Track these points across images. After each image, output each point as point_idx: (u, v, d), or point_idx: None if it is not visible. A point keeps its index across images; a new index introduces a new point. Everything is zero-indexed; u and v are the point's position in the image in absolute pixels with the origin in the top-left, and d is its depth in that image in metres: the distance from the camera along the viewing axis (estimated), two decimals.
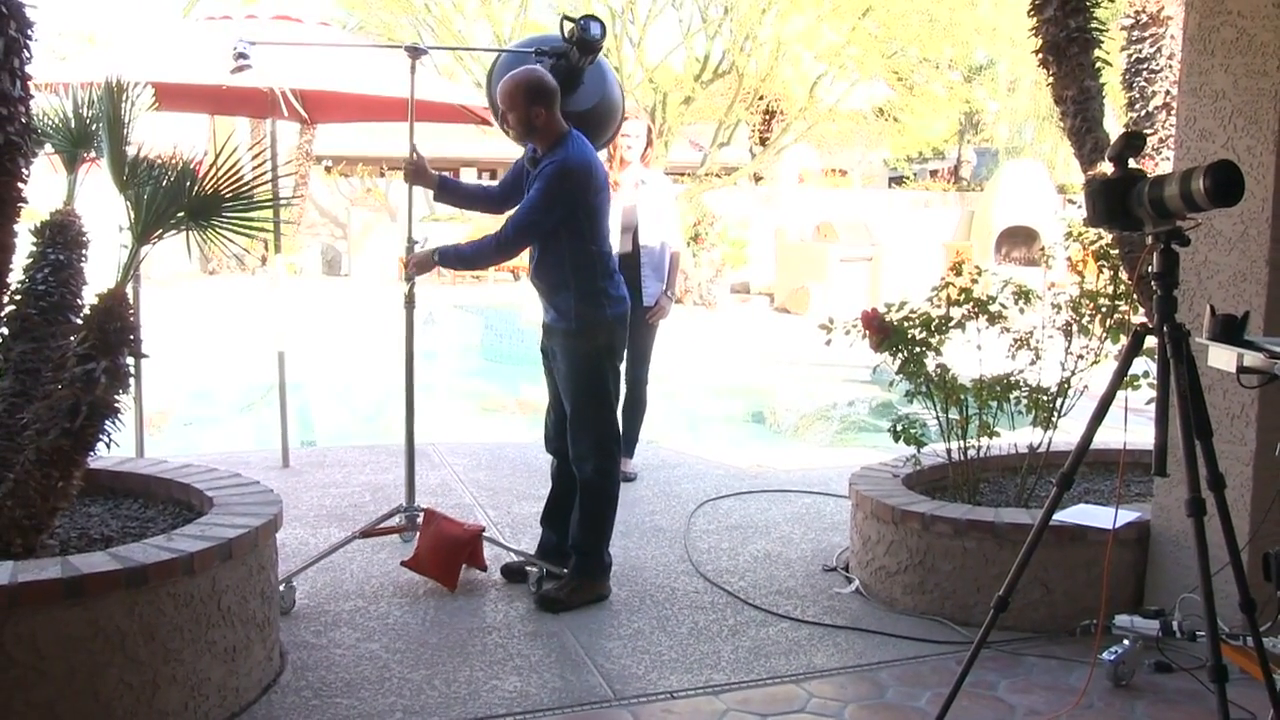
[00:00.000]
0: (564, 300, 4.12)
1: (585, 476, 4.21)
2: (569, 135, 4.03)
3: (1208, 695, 2.99)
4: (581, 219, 4.03)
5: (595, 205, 4.07)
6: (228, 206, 3.49)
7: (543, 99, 3.97)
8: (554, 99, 4.00)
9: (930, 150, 30.13)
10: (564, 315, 4.14)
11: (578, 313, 4.10)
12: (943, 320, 4.44)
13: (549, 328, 4.25)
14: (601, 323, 4.13)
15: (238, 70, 4.44)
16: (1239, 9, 3.65)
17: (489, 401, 11.62)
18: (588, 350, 4.14)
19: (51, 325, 3.54)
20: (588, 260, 4.08)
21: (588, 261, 4.08)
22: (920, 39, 19.31)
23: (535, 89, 3.96)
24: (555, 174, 3.96)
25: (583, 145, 4.04)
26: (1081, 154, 4.30)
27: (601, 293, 4.11)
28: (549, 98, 3.98)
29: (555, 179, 3.96)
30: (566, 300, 4.11)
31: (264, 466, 6.14)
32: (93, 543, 3.42)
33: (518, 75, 4.00)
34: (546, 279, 4.16)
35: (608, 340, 4.18)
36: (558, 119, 4.03)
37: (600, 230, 4.12)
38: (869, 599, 4.29)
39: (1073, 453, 2.91)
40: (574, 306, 4.10)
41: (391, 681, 3.47)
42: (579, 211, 4.01)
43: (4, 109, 2.91)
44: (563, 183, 3.96)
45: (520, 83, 3.97)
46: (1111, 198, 2.80)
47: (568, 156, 3.98)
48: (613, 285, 4.17)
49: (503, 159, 26.63)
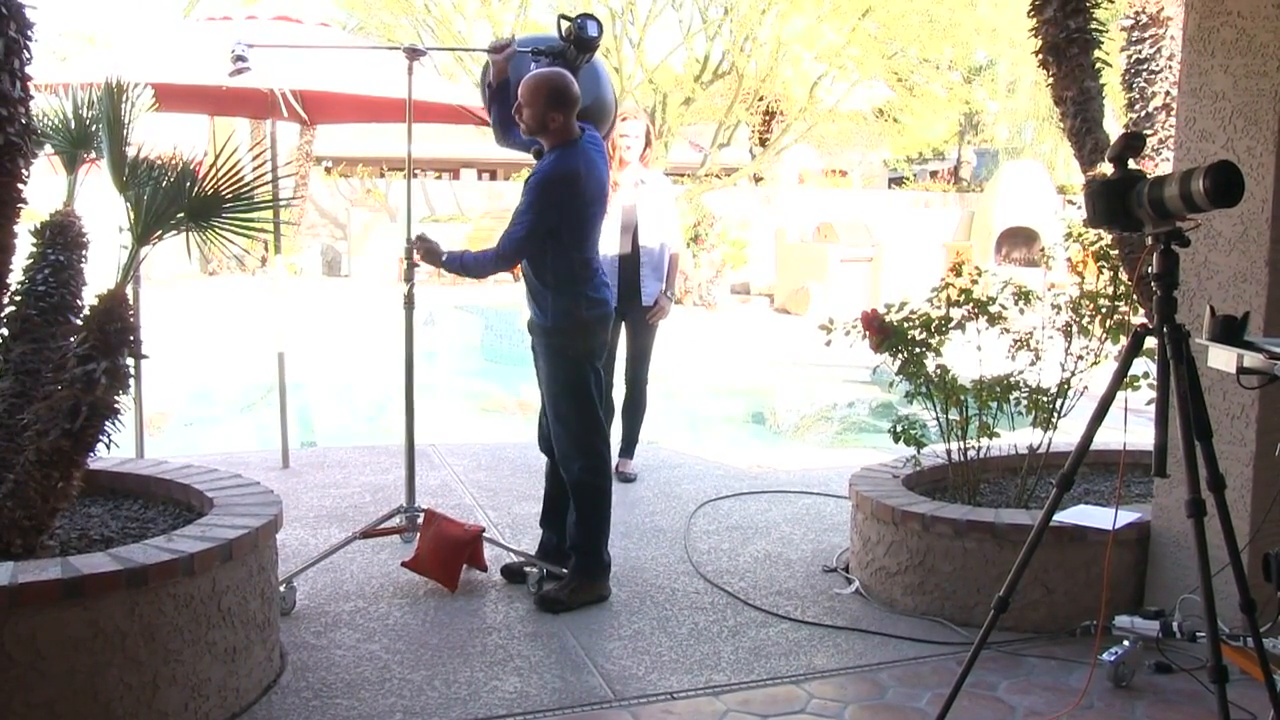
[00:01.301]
0: (543, 299, 4.15)
1: (574, 477, 4.23)
2: (570, 144, 4.02)
3: (1208, 696, 2.99)
4: (563, 226, 4.03)
5: (583, 215, 4.07)
6: (228, 207, 3.49)
7: (563, 105, 3.96)
8: (573, 107, 3.99)
9: (930, 151, 30.18)
10: (543, 313, 4.17)
11: (554, 312, 4.13)
12: (943, 321, 4.44)
13: (531, 325, 4.28)
14: (579, 323, 4.14)
15: (236, 73, 4.45)
16: (1239, 9, 3.65)
17: (489, 402, 11.62)
18: (565, 349, 4.16)
19: (51, 326, 3.54)
20: (568, 264, 4.10)
21: (568, 265, 4.10)
22: (920, 39, 19.32)
23: (558, 94, 3.96)
24: (537, 185, 4.01)
25: (574, 155, 4.01)
26: (1081, 155, 4.30)
27: (580, 294, 4.12)
28: (569, 105, 3.98)
29: (537, 189, 4.00)
30: (545, 299, 4.14)
31: (264, 467, 6.14)
32: (93, 543, 3.42)
33: (545, 74, 3.99)
34: (528, 278, 4.19)
35: (585, 341, 4.19)
36: (572, 126, 4.03)
37: (585, 238, 4.13)
38: (869, 600, 4.29)
39: (1073, 453, 2.91)
40: (551, 305, 4.13)
41: (392, 682, 3.47)
42: (565, 220, 4.02)
43: (4, 110, 2.91)
44: (545, 192, 3.99)
45: (544, 83, 3.97)
46: (1111, 198, 2.80)
47: (552, 166, 3.99)
48: (592, 288, 4.17)
49: (501, 160, 26.61)
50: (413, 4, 19.09)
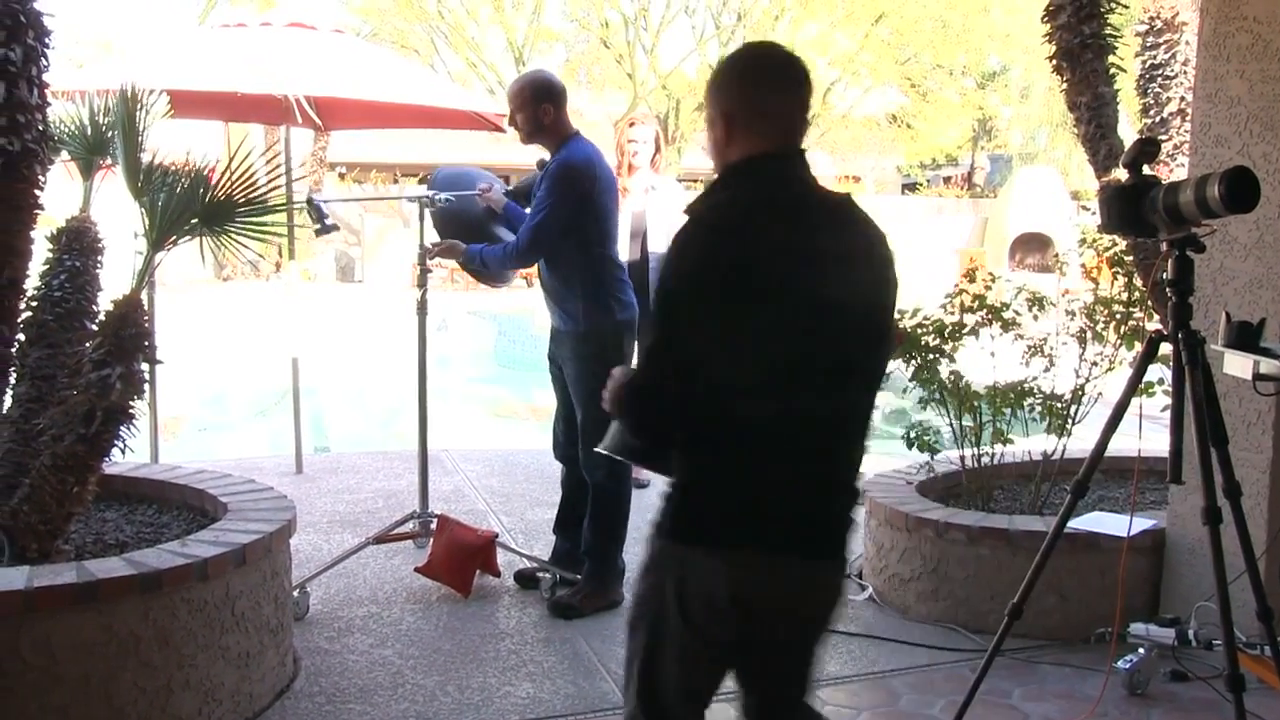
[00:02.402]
0: (571, 304, 4.14)
1: (597, 481, 4.20)
2: (575, 137, 4.10)
3: (1224, 704, 2.97)
4: (588, 221, 4.05)
5: (602, 206, 4.09)
6: (242, 213, 3.50)
7: (550, 97, 4.05)
8: (561, 98, 4.09)
9: (943, 156, 30.10)
10: (571, 318, 4.16)
11: (585, 316, 4.12)
12: (956, 327, 4.43)
13: (557, 333, 4.27)
14: (609, 326, 4.14)
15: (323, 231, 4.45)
16: (1255, 14, 3.64)
17: (502, 408, 11.62)
18: (595, 354, 4.11)
19: (67, 331, 3.56)
20: (593, 264, 4.10)
21: (593, 265, 4.10)
22: (933, 45, 19.33)
23: (543, 87, 4.07)
24: (557, 172, 4.04)
25: (586, 145, 4.09)
26: (1096, 160, 4.29)
27: (609, 296, 4.13)
28: (556, 96, 4.07)
29: (558, 177, 4.03)
30: (573, 304, 4.13)
31: (277, 472, 6.15)
32: (107, 548, 3.43)
33: (526, 76, 4.18)
34: (554, 284, 4.18)
35: (616, 344, 4.17)
36: (565, 120, 4.10)
37: (607, 234, 4.15)
38: (882, 606, 4.28)
39: (1087, 460, 2.90)
40: (581, 310, 4.12)
41: (405, 688, 3.47)
42: (586, 212, 4.03)
43: (22, 116, 2.93)
44: (566, 180, 4.01)
45: (528, 83, 4.10)
46: (1126, 204, 2.78)
47: (569, 154, 4.05)
48: (620, 290, 4.18)
49: (514, 165, 26.67)
50: (426, 11, 19.17)
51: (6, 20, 2.89)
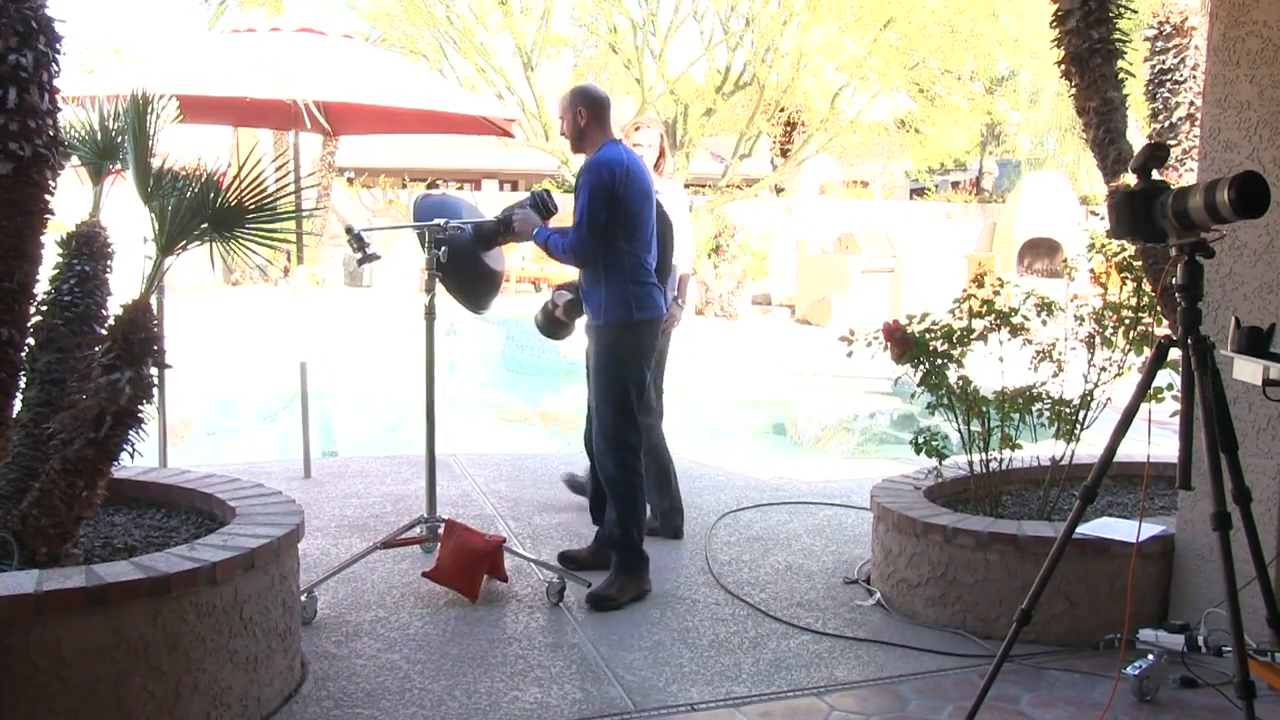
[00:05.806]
0: (597, 298, 4.32)
1: (608, 474, 4.39)
2: (607, 144, 4.30)
3: (1234, 711, 2.96)
4: (615, 217, 4.19)
5: (629, 204, 4.23)
6: (251, 218, 3.52)
7: (585, 102, 4.35)
8: (598, 106, 4.33)
9: (952, 162, 30.09)
10: (596, 313, 4.34)
11: (607, 310, 4.28)
12: (965, 332, 4.42)
13: (587, 326, 4.46)
14: (629, 324, 4.28)
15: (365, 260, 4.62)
16: (1264, 19, 3.63)
17: (510, 413, 11.64)
18: (614, 349, 4.31)
19: (77, 335, 3.57)
20: (620, 261, 4.25)
21: (620, 262, 4.25)
22: (942, 50, 19.29)
23: (580, 94, 4.41)
24: (586, 172, 4.26)
25: (618, 148, 4.30)
26: (1104, 165, 4.27)
27: (631, 294, 4.27)
28: (595, 103, 4.35)
29: (587, 176, 4.23)
30: (599, 298, 4.31)
31: (286, 477, 6.17)
32: (116, 552, 3.44)
33: (576, 86, 4.50)
34: (585, 277, 4.39)
35: (635, 342, 4.33)
36: (603, 128, 4.34)
37: (636, 231, 4.28)
38: (890, 612, 4.27)
39: (1096, 465, 2.89)
40: (604, 304, 4.29)
41: (412, 692, 3.48)
42: (619, 209, 4.19)
43: (32, 122, 2.94)
44: (594, 177, 4.20)
45: (570, 91, 4.46)
46: (1135, 209, 2.78)
47: (597, 157, 4.26)
48: (644, 291, 4.32)
49: (524, 171, 26.72)
50: (434, 16, 19.19)
51: (18, 26, 2.90)
